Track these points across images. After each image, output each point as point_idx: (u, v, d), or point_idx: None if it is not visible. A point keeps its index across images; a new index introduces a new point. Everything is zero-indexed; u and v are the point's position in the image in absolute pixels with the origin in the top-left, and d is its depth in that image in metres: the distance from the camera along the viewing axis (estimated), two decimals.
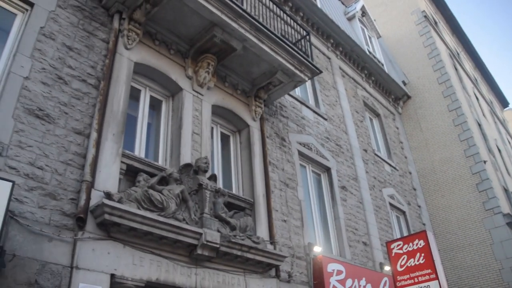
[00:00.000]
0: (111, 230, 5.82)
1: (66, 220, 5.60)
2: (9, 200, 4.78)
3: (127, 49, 7.46)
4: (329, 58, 15.73)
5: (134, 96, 7.74)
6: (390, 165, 16.11)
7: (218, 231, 6.99)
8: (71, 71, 6.62)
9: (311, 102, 13.38)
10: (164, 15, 7.92)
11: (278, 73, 9.40)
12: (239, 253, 7.18)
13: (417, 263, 9.81)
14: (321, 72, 10.33)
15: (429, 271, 9.52)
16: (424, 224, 16.24)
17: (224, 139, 9.45)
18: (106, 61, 7.04)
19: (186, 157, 7.53)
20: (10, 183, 4.86)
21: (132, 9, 7.54)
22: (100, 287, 5.43)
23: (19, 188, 5.28)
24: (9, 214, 4.95)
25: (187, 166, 7.32)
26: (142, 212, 6.05)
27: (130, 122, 7.39)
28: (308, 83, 13.73)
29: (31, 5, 6.62)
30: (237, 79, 9.60)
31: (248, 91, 9.82)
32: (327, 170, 11.98)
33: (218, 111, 9.09)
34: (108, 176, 6.23)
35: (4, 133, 5.46)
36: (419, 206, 16.79)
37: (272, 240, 8.28)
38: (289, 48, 9.27)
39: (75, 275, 5.28)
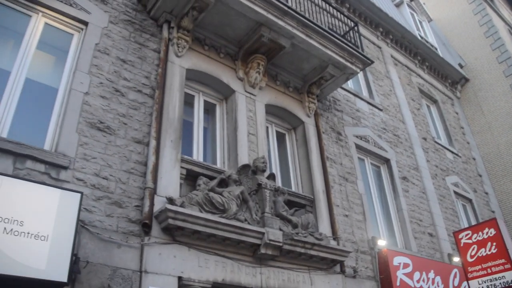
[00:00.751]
0: (175, 234, 5.97)
1: (132, 226, 5.81)
2: (79, 210, 5.06)
3: (178, 56, 7.63)
4: (379, 47, 15.41)
5: (188, 102, 7.90)
6: (452, 152, 15.56)
7: (280, 229, 7.01)
8: (126, 83, 6.85)
9: (365, 93, 13.15)
10: (211, 20, 8.03)
11: (329, 67, 9.31)
12: (302, 250, 7.17)
13: (489, 252, 9.41)
14: (372, 62, 10.14)
15: (503, 260, 9.09)
16: (493, 212, 15.57)
17: (280, 137, 9.46)
18: (159, 70, 7.23)
19: (244, 158, 7.61)
20: (79, 194, 5.14)
21: (179, 18, 7.70)
22: None
23: (87, 198, 5.53)
24: (80, 223, 5.20)
25: (245, 167, 7.39)
26: (204, 215, 6.17)
27: (186, 128, 7.55)
28: (360, 75, 13.50)
29: (86, 24, 6.92)
30: (288, 77, 9.59)
31: (300, 88, 9.79)
32: (386, 161, 11.74)
33: (272, 110, 9.12)
34: (169, 182, 6.39)
35: (70, 147, 5.75)
36: (486, 193, 16.12)
37: (335, 236, 8.21)
38: (338, 41, 9.16)
39: (144, 279, 5.48)
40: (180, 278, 5.82)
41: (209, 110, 8.43)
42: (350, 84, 12.45)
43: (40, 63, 6.50)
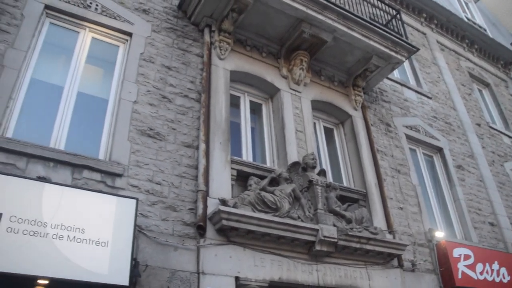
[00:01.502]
0: (230, 234, 6.04)
1: (187, 229, 5.91)
2: (136, 215, 5.21)
3: (221, 59, 7.71)
4: (424, 34, 14.99)
5: (234, 103, 7.96)
6: (509, 137, 14.92)
7: (334, 225, 6.95)
8: (173, 89, 6.98)
9: (412, 82, 12.83)
10: (251, 21, 8.07)
11: (373, 58, 9.15)
12: (358, 245, 7.08)
13: None
14: (418, 49, 9.88)
15: None
16: None
17: (328, 132, 9.38)
18: (203, 74, 7.33)
19: (293, 156, 7.59)
20: (135, 200, 5.30)
21: (220, 21, 7.78)
22: None
23: (142, 204, 5.68)
24: (137, 228, 5.35)
25: (295, 164, 7.37)
26: (257, 215, 6.20)
27: (234, 129, 7.62)
28: (406, 63, 13.18)
29: (130, 35, 7.12)
30: (332, 71, 9.50)
31: (345, 81, 9.67)
32: (439, 150, 11.40)
33: (318, 106, 9.05)
34: (221, 184, 6.47)
35: (123, 155, 5.93)
36: None
37: (391, 229, 8.06)
38: (381, 31, 8.99)
39: (202, 280, 5.57)
40: (237, 278, 5.87)
41: (255, 110, 8.46)
42: (396, 73, 12.18)
43: (90, 76, 6.73)
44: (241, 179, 6.91)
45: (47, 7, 6.61)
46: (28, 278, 4.40)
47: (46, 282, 4.55)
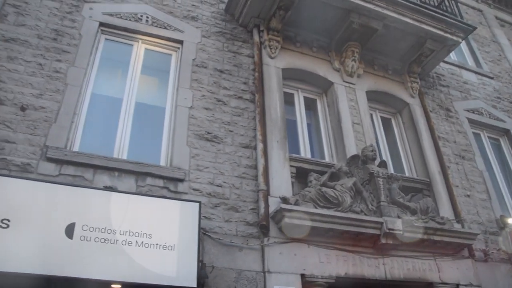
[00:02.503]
0: (293, 232, 6.03)
1: (250, 229, 5.97)
2: (200, 218, 5.34)
3: (271, 58, 7.73)
4: (480, 11, 14.33)
5: (288, 100, 7.95)
6: None
7: (399, 217, 6.79)
8: (227, 91, 7.08)
9: (471, 63, 12.30)
10: (299, 16, 8.03)
11: (427, 42, 8.85)
12: (425, 236, 6.86)
13: None
14: (474, 28, 9.46)
15: None
16: None
17: (385, 123, 9.17)
18: (256, 74, 7.38)
19: (352, 149, 7.49)
20: (197, 204, 5.44)
21: (267, 20, 7.80)
22: None
23: (205, 207, 5.80)
24: (202, 231, 5.47)
25: (354, 157, 7.27)
26: (319, 211, 6.17)
27: (290, 127, 7.60)
28: (463, 44, 12.64)
29: (181, 42, 7.30)
30: (385, 60, 9.28)
31: (400, 69, 9.42)
32: (506, 132, 10.85)
33: (374, 96, 8.87)
34: (281, 182, 6.48)
35: (183, 160, 6.08)
36: None
37: (458, 219, 7.75)
38: (433, 13, 8.68)
39: (268, 278, 5.60)
40: (303, 275, 5.86)
41: (310, 105, 8.42)
42: (453, 56, 11.71)
43: (146, 86, 6.95)
44: (300, 176, 6.89)
45: (101, 24, 6.90)
46: (103, 283, 4.60)
47: (119, 286, 4.76)
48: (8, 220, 4.49)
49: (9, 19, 6.32)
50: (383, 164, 7.43)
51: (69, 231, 4.66)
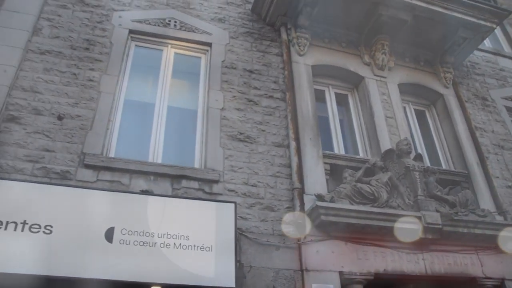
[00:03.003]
0: (330, 229, 5.99)
1: (286, 228, 5.95)
2: (236, 219, 5.36)
3: (300, 55, 7.70)
4: None
5: (319, 97, 7.90)
6: None
7: (437, 211, 6.64)
8: (257, 91, 7.09)
9: (507, 49, 11.90)
10: (326, 12, 7.96)
11: (459, 31, 8.62)
12: (465, 230, 6.67)
13: None
14: (510, 13, 9.15)
15: None
16: None
17: (419, 115, 8.99)
18: (285, 72, 7.36)
19: (386, 143, 7.38)
20: (233, 204, 5.47)
21: (295, 17, 7.78)
22: (332, 286, 5.62)
23: (240, 207, 5.82)
24: (238, 231, 5.49)
25: (389, 152, 7.15)
26: (355, 207, 6.10)
27: (322, 123, 7.55)
28: (497, 30, 12.26)
29: (209, 45, 7.37)
30: (417, 51, 9.09)
31: (432, 60, 9.21)
32: None
33: (406, 89, 8.70)
34: (315, 179, 6.45)
35: (217, 162, 6.12)
36: None
37: (500, 211, 7.50)
38: (464, 0, 8.45)
39: (306, 277, 5.57)
40: (341, 273, 5.80)
41: (341, 101, 8.34)
42: (487, 43, 11.38)
43: (177, 90, 7.03)
44: (335, 172, 6.83)
45: (131, 31, 7.04)
46: (143, 285, 4.68)
47: None
48: (51, 226, 4.64)
49: (43, 32, 6.52)
50: (418, 157, 7.29)
51: (109, 235, 4.77)
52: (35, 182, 5.02)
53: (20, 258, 4.40)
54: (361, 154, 7.59)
